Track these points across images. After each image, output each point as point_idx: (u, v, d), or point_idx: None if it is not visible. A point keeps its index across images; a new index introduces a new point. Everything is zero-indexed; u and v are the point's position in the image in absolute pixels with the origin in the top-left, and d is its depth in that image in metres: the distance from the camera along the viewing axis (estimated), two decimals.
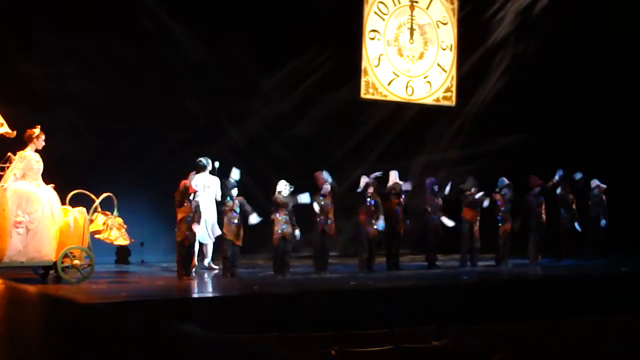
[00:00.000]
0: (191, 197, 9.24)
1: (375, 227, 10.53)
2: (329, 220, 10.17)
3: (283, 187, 9.89)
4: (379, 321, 6.86)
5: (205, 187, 10.13)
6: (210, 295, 9.03)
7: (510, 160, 13.09)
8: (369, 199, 10.53)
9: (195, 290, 9.03)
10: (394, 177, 11.17)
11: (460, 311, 7.99)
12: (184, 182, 9.31)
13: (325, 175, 10.38)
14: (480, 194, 11.54)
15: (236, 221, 9.56)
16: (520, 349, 6.19)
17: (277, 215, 9.79)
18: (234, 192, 9.62)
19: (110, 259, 10.92)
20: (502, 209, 11.73)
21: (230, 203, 9.61)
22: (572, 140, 13.79)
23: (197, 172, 10.05)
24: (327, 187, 10.22)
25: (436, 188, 11.50)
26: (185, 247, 9.26)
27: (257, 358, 1.71)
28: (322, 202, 10.14)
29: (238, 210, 9.58)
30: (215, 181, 10.25)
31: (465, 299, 8.87)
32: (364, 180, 10.62)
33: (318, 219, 10.10)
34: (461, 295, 9.10)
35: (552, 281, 10.41)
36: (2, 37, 10.20)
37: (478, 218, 11.63)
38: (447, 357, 6.12)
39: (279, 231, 9.76)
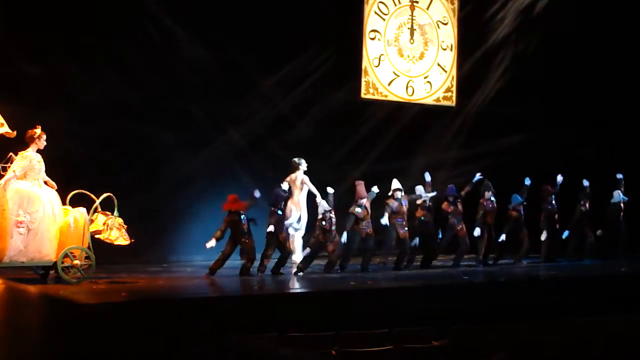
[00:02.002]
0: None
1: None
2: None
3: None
4: (379, 321, 6.86)
5: (299, 185, 10.95)
6: (210, 295, 9.02)
7: (510, 161, 13.09)
8: (399, 201, 10.78)
9: (195, 290, 9.01)
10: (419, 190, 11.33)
11: (460, 311, 7.99)
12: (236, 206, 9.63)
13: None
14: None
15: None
16: (520, 349, 6.19)
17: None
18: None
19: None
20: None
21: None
22: (572, 140, 13.80)
23: (292, 172, 10.96)
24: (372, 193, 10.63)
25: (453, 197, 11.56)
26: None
27: (257, 358, 1.71)
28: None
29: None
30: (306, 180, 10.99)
31: (465, 299, 8.87)
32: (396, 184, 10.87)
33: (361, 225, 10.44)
34: (461, 295, 9.10)
35: (552, 281, 10.40)
36: (2, 37, 10.20)
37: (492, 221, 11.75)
38: (447, 357, 6.11)
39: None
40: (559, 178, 12.32)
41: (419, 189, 11.28)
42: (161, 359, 1.66)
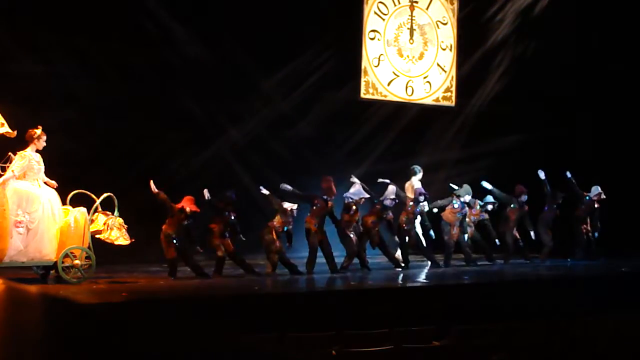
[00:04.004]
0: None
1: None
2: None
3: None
4: (379, 321, 6.86)
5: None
6: (210, 295, 9.02)
7: (510, 161, 13.09)
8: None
9: (196, 290, 9.01)
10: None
11: (460, 311, 7.99)
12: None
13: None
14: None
15: None
16: (520, 349, 6.19)
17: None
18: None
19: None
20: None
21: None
22: (571, 141, 13.81)
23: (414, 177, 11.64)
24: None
25: (421, 198, 11.29)
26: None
27: (257, 358, 1.71)
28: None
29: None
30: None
31: (465, 299, 8.87)
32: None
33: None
34: (461, 295, 9.10)
35: (551, 281, 10.41)
36: (2, 37, 10.20)
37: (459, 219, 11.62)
38: (447, 357, 6.11)
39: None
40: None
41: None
42: (161, 359, 1.66)
